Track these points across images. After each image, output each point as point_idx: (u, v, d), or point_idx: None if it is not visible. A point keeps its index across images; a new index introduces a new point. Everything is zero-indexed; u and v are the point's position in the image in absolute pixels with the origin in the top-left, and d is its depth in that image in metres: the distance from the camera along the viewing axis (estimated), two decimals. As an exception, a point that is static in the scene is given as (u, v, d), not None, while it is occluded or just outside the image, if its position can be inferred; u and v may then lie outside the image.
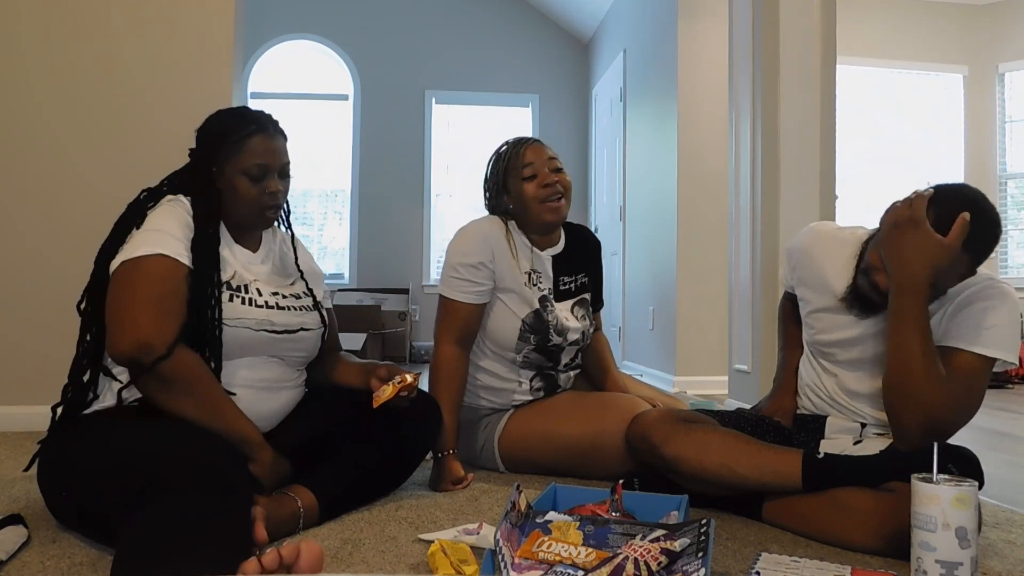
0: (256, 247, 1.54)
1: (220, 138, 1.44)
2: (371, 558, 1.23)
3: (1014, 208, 5.61)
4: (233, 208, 1.45)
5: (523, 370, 1.89)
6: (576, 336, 1.90)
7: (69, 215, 2.55)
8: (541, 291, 1.87)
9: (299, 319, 1.49)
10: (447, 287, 1.83)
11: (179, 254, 1.31)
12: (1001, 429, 2.92)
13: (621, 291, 5.24)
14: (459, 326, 1.81)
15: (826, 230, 1.62)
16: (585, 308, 1.97)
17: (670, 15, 4.25)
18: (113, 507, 1.09)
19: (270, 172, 1.45)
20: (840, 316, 1.52)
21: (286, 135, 1.52)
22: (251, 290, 1.43)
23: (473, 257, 1.79)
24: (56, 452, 1.28)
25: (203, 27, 2.65)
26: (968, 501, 1.02)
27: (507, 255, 1.83)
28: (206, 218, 1.40)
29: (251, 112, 1.49)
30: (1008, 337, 1.33)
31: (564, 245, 1.96)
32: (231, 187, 1.44)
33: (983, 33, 5.62)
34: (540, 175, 1.84)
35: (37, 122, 2.55)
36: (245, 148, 1.43)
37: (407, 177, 6.19)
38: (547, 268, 1.91)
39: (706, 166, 4.10)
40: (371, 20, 6.14)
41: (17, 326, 2.51)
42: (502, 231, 1.84)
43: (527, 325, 1.83)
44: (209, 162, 1.45)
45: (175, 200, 1.40)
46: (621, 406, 1.79)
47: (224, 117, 1.49)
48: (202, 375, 1.30)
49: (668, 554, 1.03)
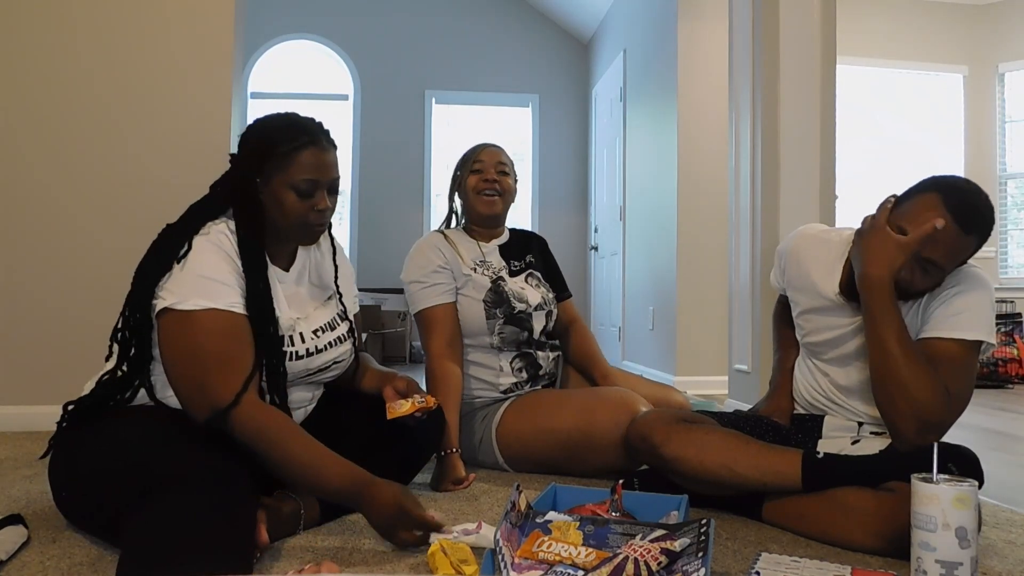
0: (289, 263, 1.46)
1: (268, 149, 1.33)
2: (371, 558, 1.23)
3: (1014, 208, 5.61)
4: (276, 223, 1.37)
5: (502, 353, 1.96)
6: (538, 300, 2.02)
7: (68, 215, 2.55)
8: (494, 274, 2.00)
9: (334, 354, 1.47)
10: (420, 301, 1.95)
11: (234, 305, 1.26)
12: (1001, 429, 2.92)
13: (621, 291, 5.24)
14: (443, 330, 1.91)
15: (813, 232, 1.66)
16: (536, 279, 2.10)
17: (670, 15, 4.25)
18: (118, 506, 1.09)
19: (320, 188, 1.36)
20: (829, 317, 1.54)
21: (337, 145, 1.42)
22: (295, 340, 1.38)
23: (432, 264, 1.95)
24: (64, 450, 1.28)
25: (203, 27, 2.65)
26: (968, 501, 1.02)
27: (453, 254, 1.98)
28: (251, 240, 1.33)
29: (302, 121, 1.37)
30: (982, 318, 1.35)
31: (508, 237, 2.14)
32: (276, 202, 1.34)
33: (983, 33, 5.62)
34: (485, 171, 2.03)
35: (35, 122, 2.55)
36: (295, 161, 1.32)
37: (407, 177, 6.19)
38: (496, 255, 2.06)
39: (706, 166, 4.10)
40: (371, 20, 6.14)
41: (17, 326, 2.51)
42: (441, 238, 2.02)
43: (488, 302, 1.94)
44: (254, 173, 1.35)
45: (215, 232, 1.31)
46: (613, 398, 1.81)
47: (273, 125, 1.37)
48: (287, 429, 1.24)
49: (668, 554, 1.03)
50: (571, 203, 6.35)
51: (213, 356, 1.22)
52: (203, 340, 1.22)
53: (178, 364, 1.23)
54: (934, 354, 1.34)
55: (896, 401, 1.32)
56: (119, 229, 2.54)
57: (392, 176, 6.16)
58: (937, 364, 1.33)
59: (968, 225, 1.31)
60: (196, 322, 1.22)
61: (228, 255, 1.30)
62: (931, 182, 1.36)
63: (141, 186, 2.58)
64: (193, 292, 1.23)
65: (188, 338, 1.22)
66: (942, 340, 1.35)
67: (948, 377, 1.32)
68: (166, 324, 1.24)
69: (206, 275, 1.25)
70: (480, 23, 6.31)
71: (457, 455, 1.76)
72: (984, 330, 1.35)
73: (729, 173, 3.12)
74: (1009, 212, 5.61)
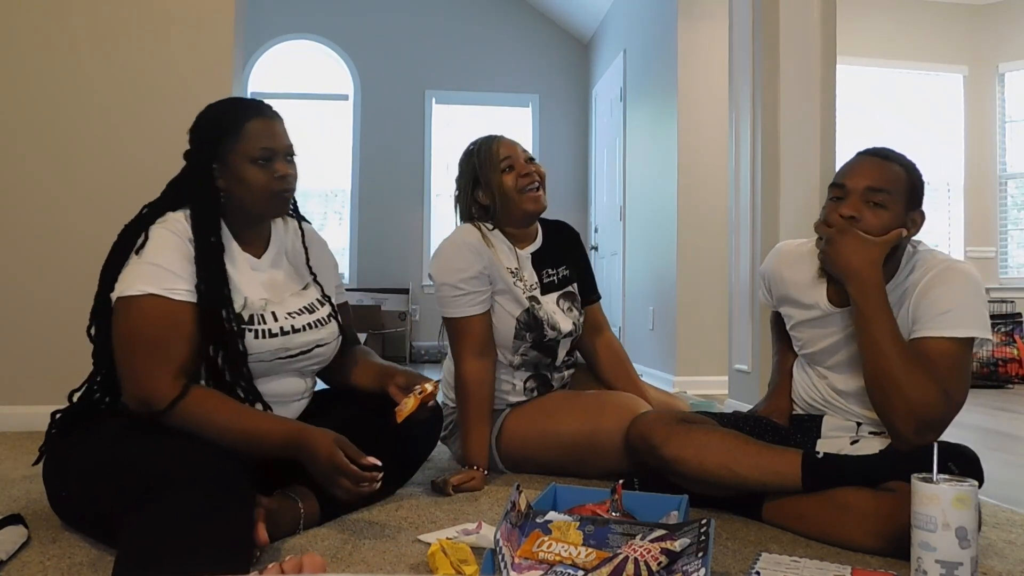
0: (263, 249, 1.47)
1: (217, 130, 1.37)
2: (371, 558, 1.23)
3: (1014, 208, 5.60)
4: (243, 201, 1.38)
5: (518, 371, 1.89)
6: (569, 327, 1.91)
7: (68, 215, 2.55)
8: (528, 289, 1.87)
9: (315, 336, 1.45)
10: (454, 308, 1.79)
11: (175, 291, 1.26)
12: (1001, 429, 2.92)
13: (621, 291, 5.24)
14: (476, 340, 1.79)
15: (788, 248, 1.66)
16: (571, 300, 1.97)
17: (670, 15, 4.25)
18: (114, 507, 1.09)
19: (277, 155, 1.38)
20: (822, 327, 1.53)
21: (282, 117, 1.45)
22: (266, 319, 1.37)
23: (472, 269, 1.78)
24: (59, 452, 1.28)
25: (203, 27, 2.65)
26: (968, 501, 1.02)
27: (492, 259, 1.82)
28: (207, 229, 1.34)
29: (242, 99, 1.44)
30: (973, 313, 1.34)
31: (542, 241, 1.97)
32: (238, 179, 1.36)
33: (983, 33, 5.62)
34: (517, 166, 1.86)
35: (36, 122, 2.55)
36: (246, 134, 1.36)
37: (407, 177, 6.19)
38: (529, 266, 1.91)
39: (706, 166, 4.10)
40: (371, 20, 6.14)
41: (17, 327, 2.51)
42: (478, 236, 1.83)
43: (522, 323, 1.84)
44: (209, 159, 1.37)
45: (171, 219, 1.34)
46: (618, 403, 1.79)
47: (215, 109, 1.42)
48: (216, 410, 1.25)
49: (668, 554, 1.03)
50: (571, 203, 6.35)
51: (143, 343, 1.23)
52: (138, 325, 1.24)
53: (116, 350, 1.26)
54: (927, 353, 1.33)
55: (893, 401, 1.32)
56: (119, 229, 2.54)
57: (392, 176, 6.16)
58: (931, 363, 1.32)
59: (884, 154, 1.42)
60: (136, 307, 1.25)
61: (182, 239, 1.32)
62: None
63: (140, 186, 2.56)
64: (138, 279, 1.26)
65: (126, 323, 1.25)
66: (934, 339, 1.34)
67: (943, 375, 1.31)
68: (115, 311, 1.27)
69: (153, 261, 1.28)
70: (480, 23, 6.31)
71: (482, 473, 1.73)
72: (976, 326, 1.33)
73: (729, 173, 3.12)
74: (1009, 212, 5.60)
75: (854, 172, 1.41)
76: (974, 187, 5.61)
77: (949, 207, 5.65)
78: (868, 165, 1.41)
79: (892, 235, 1.37)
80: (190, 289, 1.29)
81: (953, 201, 5.65)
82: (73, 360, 2.47)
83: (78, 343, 2.48)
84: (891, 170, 1.40)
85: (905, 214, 1.39)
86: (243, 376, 1.33)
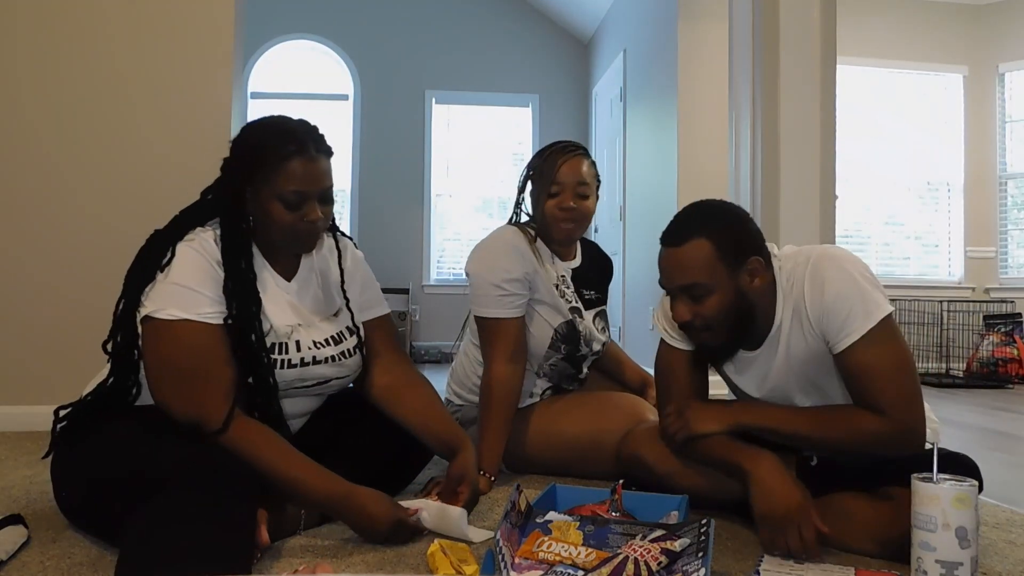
0: (293, 271, 1.44)
1: (256, 158, 1.31)
2: (371, 558, 1.23)
3: (1014, 208, 5.60)
4: (268, 233, 1.35)
5: (540, 380, 1.90)
6: (599, 346, 1.94)
7: (67, 216, 2.55)
8: (569, 301, 1.87)
9: (334, 371, 1.43)
10: (494, 307, 1.76)
11: (206, 315, 1.24)
12: (1001, 429, 2.92)
13: (621, 291, 5.24)
14: (511, 342, 1.76)
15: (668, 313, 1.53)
16: (604, 320, 2.00)
17: (670, 15, 4.25)
18: (117, 506, 1.09)
19: (309, 199, 1.32)
20: (739, 375, 1.48)
21: (331, 151, 1.38)
22: (288, 348, 1.35)
23: (516, 271, 1.76)
24: (65, 449, 1.28)
25: (203, 27, 2.64)
26: (968, 501, 1.02)
27: (536, 265, 1.80)
28: (238, 253, 1.31)
29: (292, 127, 1.34)
30: (868, 295, 1.25)
31: (581, 260, 1.98)
32: (264, 212, 1.32)
33: (983, 33, 5.62)
34: (563, 198, 1.80)
35: (35, 122, 2.55)
36: (282, 172, 1.29)
37: (407, 177, 6.19)
38: (568, 279, 1.91)
39: (706, 166, 4.09)
40: (371, 20, 6.14)
41: (17, 326, 2.51)
42: (526, 241, 1.80)
43: (559, 335, 1.84)
44: (243, 182, 1.32)
45: (200, 239, 1.29)
46: (622, 405, 1.80)
47: (263, 132, 1.35)
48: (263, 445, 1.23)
49: (668, 554, 1.03)
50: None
51: (188, 370, 1.22)
52: (175, 353, 1.22)
53: (153, 372, 1.25)
54: (856, 362, 1.26)
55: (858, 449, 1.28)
56: (118, 229, 2.54)
57: (392, 176, 6.16)
58: (865, 370, 1.25)
59: (678, 238, 1.30)
60: (170, 333, 1.23)
61: (210, 263, 1.28)
62: None
63: (140, 186, 2.58)
64: (170, 301, 1.23)
65: (162, 350, 1.23)
66: (856, 345, 1.25)
67: (881, 388, 1.24)
68: (146, 332, 1.25)
69: (184, 284, 1.24)
70: (480, 23, 6.31)
71: (489, 480, 1.70)
72: (880, 305, 1.25)
73: (729, 173, 3.12)
74: (1009, 212, 5.60)
75: (664, 272, 1.34)
76: (974, 187, 5.61)
77: (949, 207, 5.65)
78: (669, 261, 1.32)
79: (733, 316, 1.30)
80: (221, 311, 1.27)
81: (953, 201, 5.65)
82: (73, 360, 2.48)
83: (79, 343, 2.50)
84: (690, 257, 1.29)
85: (736, 277, 1.29)
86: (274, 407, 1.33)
